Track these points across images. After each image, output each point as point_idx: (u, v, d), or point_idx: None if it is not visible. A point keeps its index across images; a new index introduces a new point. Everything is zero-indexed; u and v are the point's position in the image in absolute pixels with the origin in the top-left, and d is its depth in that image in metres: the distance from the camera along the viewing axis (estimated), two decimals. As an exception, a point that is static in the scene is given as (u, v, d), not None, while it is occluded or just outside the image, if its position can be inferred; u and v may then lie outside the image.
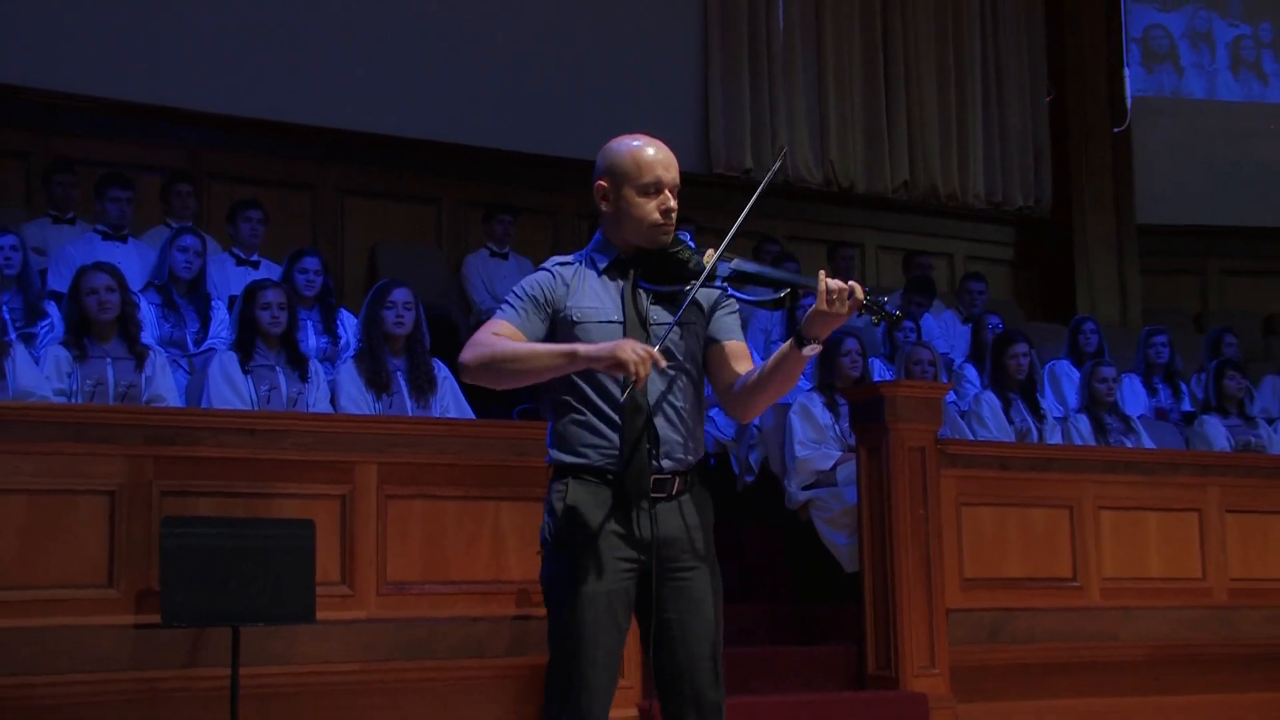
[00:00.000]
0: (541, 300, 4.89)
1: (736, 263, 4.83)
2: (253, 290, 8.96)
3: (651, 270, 4.88)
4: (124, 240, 10.44)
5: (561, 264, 5.00)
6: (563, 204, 13.19)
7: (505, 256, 12.08)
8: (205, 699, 7.29)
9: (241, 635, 7.07)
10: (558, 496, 4.87)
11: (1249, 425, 11.82)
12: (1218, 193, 16.72)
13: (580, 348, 4.67)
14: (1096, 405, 11.15)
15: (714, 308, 4.99)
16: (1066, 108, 15.87)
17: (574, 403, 4.86)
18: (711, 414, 10.74)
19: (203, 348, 9.47)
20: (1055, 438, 10.91)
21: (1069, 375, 11.95)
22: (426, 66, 12.91)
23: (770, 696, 8.30)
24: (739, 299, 4.93)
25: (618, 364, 4.53)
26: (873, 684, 9.01)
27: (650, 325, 4.83)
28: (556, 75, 13.34)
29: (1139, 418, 11.54)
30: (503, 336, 4.81)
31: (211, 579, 6.95)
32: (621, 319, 4.83)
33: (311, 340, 9.62)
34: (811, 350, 4.67)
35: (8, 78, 11.58)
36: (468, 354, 4.79)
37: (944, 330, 12.61)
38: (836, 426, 10.08)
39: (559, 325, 4.89)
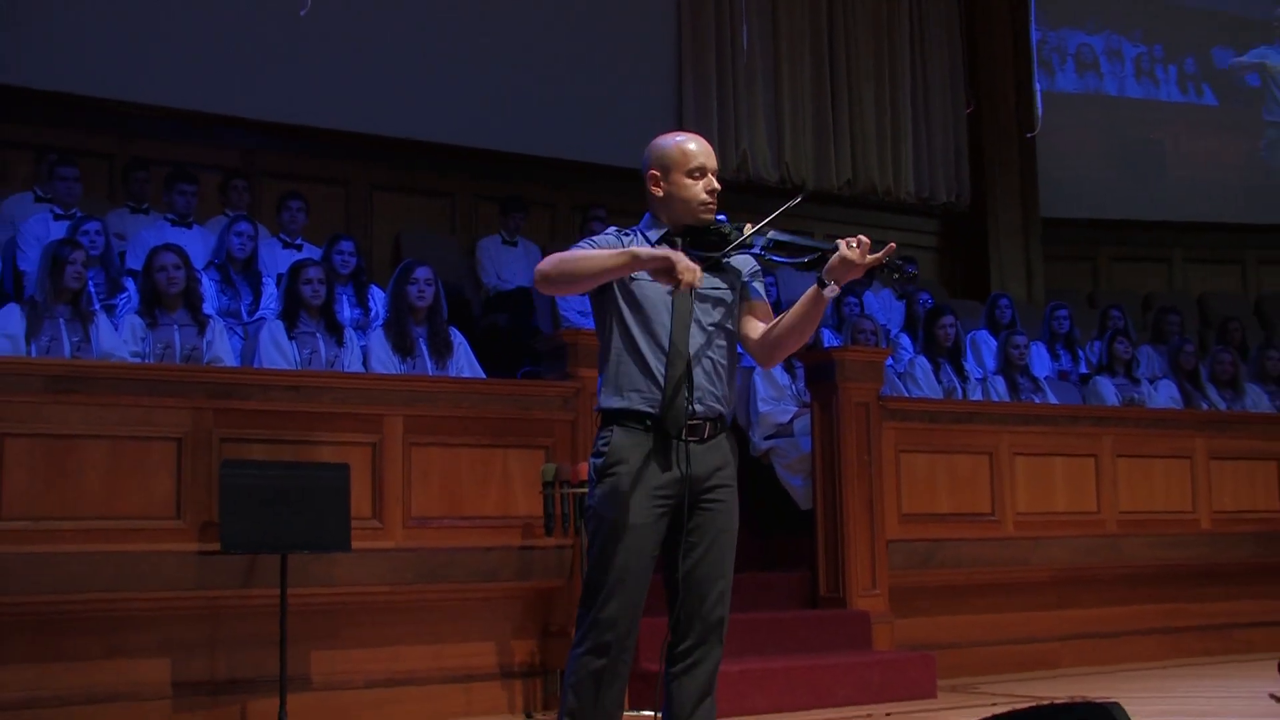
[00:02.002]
0: (604, 248, 4.79)
1: (772, 234, 4.78)
2: (297, 269, 8.87)
3: (698, 242, 4.82)
4: (189, 227, 10.36)
5: (621, 232, 4.94)
6: (559, 198, 13.14)
7: (514, 244, 12.01)
8: (258, 614, 7.34)
9: (289, 561, 7.12)
10: (603, 438, 4.80)
11: (1133, 384, 11.89)
12: (1107, 192, 16.78)
13: (639, 249, 4.61)
14: (1010, 368, 11.15)
15: (748, 274, 4.94)
16: (982, 119, 15.82)
17: (625, 353, 4.79)
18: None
19: (255, 317, 9.39)
20: (976, 395, 10.89)
21: (987, 343, 11.91)
22: (444, 81, 12.81)
23: (737, 615, 8.15)
24: (777, 261, 4.85)
25: (669, 266, 4.48)
26: (824, 604, 9.06)
27: (694, 289, 4.67)
28: (554, 89, 13.23)
29: (1045, 378, 11.54)
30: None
31: (263, 513, 7.00)
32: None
33: (346, 311, 9.52)
34: (831, 291, 4.63)
35: (94, 91, 11.49)
36: (544, 265, 4.71)
37: (882, 305, 12.56)
38: (793, 386, 10.06)
39: (618, 283, 4.80)
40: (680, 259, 4.48)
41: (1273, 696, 2.98)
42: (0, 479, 6.86)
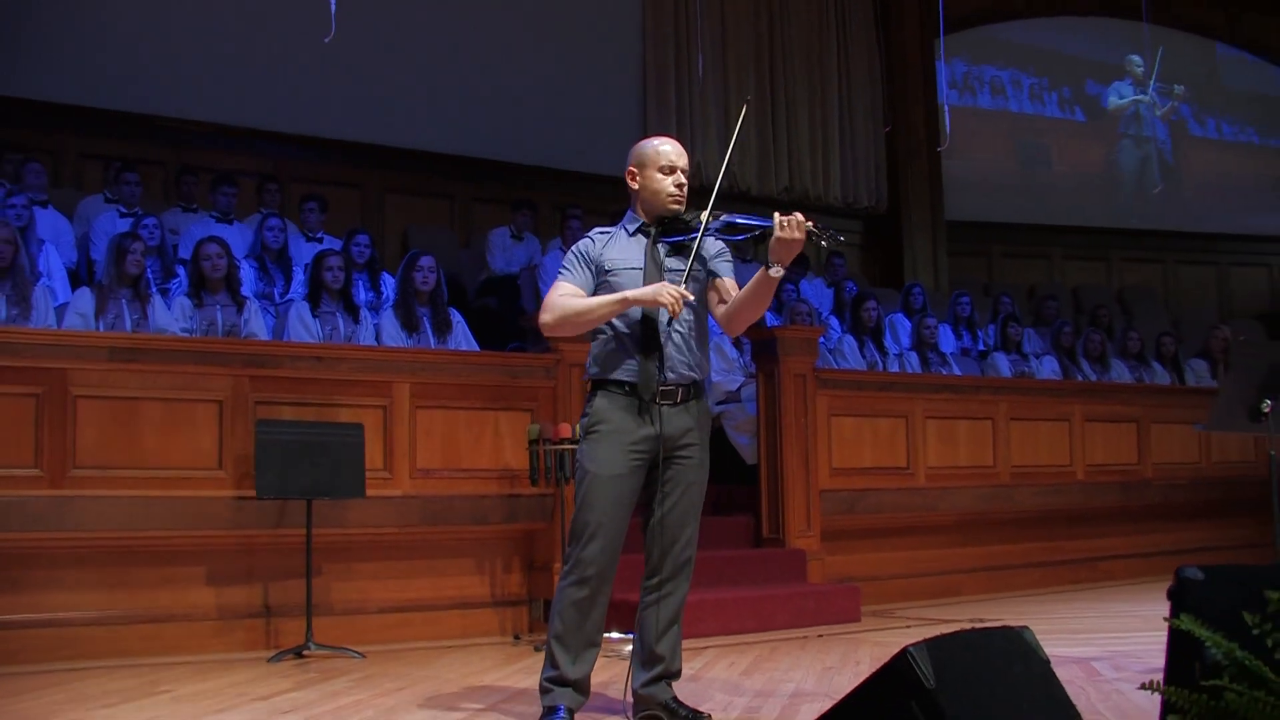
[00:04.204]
0: (585, 259, 4.85)
1: (724, 217, 4.73)
2: (320, 258, 8.82)
3: (666, 230, 4.82)
4: (230, 223, 10.24)
5: (600, 232, 4.97)
6: (542, 198, 12.94)
7: (521, 239, 11.90)
8: (287, 551, 7.31)
9: (313, 505, 7.12)
10: (589, 402, 4.82)
11: (1023, 359, 11.90)
12: (1000, 200, 16.91)
13: (630, 293, 4.62)
14: (922, 345, 11.15)
15: (714, 256, 4.91)
16: (897, 137, 15.78)
17: (607, 331, 4.79)
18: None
19: (285, 299, 9.30)
20: (894, 368, 10.86)
21: (902, 324, 11.88)
22: (446, 101, 12.73)
23: (692, 550, 8.21)
24: (729, 241, 4.85)
25: (657, 303, 4.51)
26: (766, 544, 9.02)
27: (664, 271, 4.77)
28: (539, 109, 13.15)
29: (951, 354, 11.51)
30: (567, 296, 4.75)
31: (292, 464, 6.99)
32: (642, 266, 4.77)
33: (362, 294, 9.42)
34: (776, 272, 4.57)
35: (152, 110, 11.42)
36: (545, 317, 4.73)
37: (815, 292, 12.46)
38: (741, 359, 10.06)
39: (597, 272, 4.83)
40: (665, 295, 4.47)
41: (1165, 619, 2.95)
42: (74, 434, 6.87)
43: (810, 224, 4.51)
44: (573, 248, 4.93)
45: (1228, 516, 11.63)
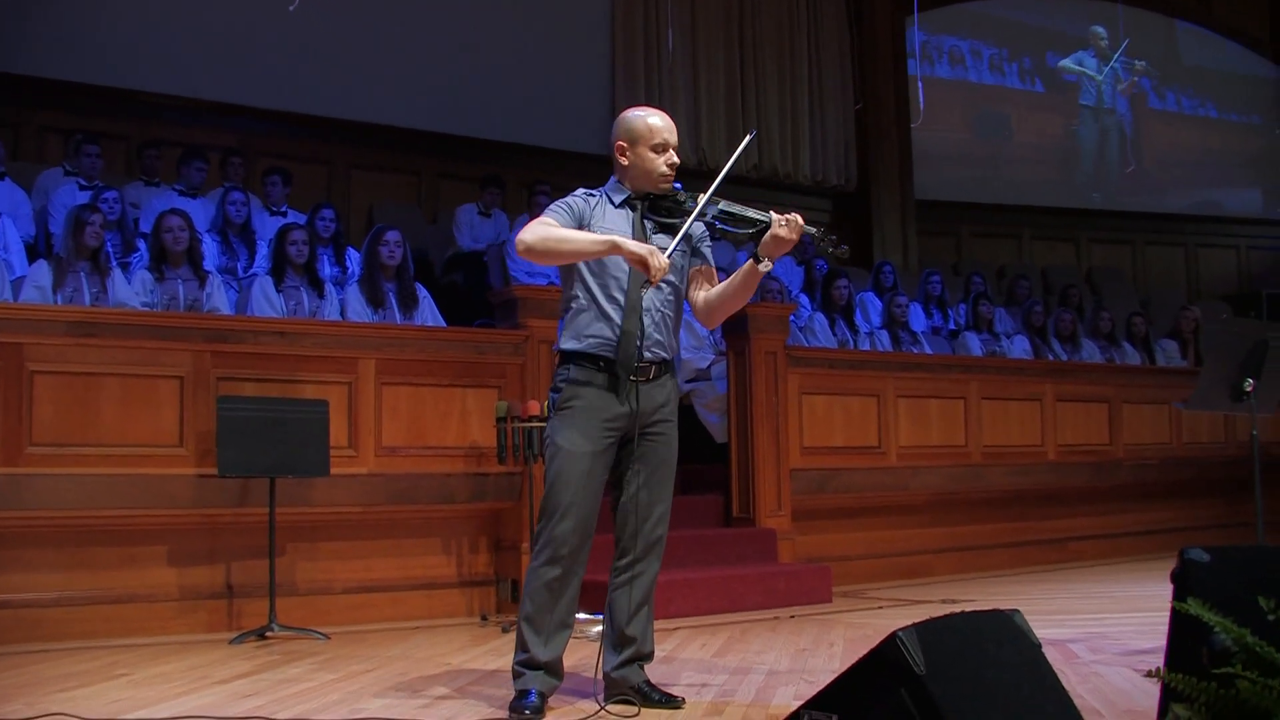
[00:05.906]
0: (577, 212, 4.67)
1: (723, 205, 4.65)
2: (284, 232, 8.66)
3: (655, 207, 4.71)
4: (193, 196, 10.06)
5: (587, 193, 4.81)
6: (510, 175, 12.80)
7: (488, 215, 11.75)
8: (250, 530, 7.20)
9: (276, 484, 7.02)
10: (562, 375, 4.68)
11: (994, 339, 11.85)
12: (968, 180, 16.89)
13: (620, 240, 4.44)
14: (894, 324, 11.11)
15: (699, 241, 4.84)
16: (867, 116, 15.70)
17: (584, 302, 4.65)
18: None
19: (248, 273, 9.15)
20: (865, 346, 10.80)
21: (873, 303, 11.83)
22: (413, 75, 12.59)
23: (662, 530, 8.11)
24: (728, 231, 4.75)
25: (644, 262, 4.34)
26: (736, 523, 8.97)
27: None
28: (506, 85, 13.04)
29: (922, 333, 11.44)
30: (552, 225, 4.58)
31: (254, 442, 6.88)
32: (629, 237, 4.58)
33: (327, 269, 9.30)
34: (765, 267, 4.54)
35: (114, 82, 11.22)
36: (527, 235, 4.49)
37: (785, 269, 12.37)
38: (711, 336, 9.99)
39: (581, 229, 4.66)
40: (655, 258, 4.33)
41: (1174, 602, 2.85)
42: (31, 410, 6.74)
43: (812, 229, 4.52)
44: (564, 199, 4.77)
45: (1198, 496, 11.70)
